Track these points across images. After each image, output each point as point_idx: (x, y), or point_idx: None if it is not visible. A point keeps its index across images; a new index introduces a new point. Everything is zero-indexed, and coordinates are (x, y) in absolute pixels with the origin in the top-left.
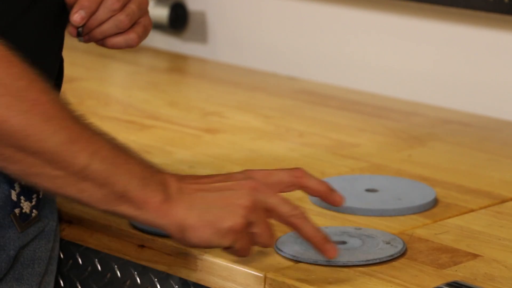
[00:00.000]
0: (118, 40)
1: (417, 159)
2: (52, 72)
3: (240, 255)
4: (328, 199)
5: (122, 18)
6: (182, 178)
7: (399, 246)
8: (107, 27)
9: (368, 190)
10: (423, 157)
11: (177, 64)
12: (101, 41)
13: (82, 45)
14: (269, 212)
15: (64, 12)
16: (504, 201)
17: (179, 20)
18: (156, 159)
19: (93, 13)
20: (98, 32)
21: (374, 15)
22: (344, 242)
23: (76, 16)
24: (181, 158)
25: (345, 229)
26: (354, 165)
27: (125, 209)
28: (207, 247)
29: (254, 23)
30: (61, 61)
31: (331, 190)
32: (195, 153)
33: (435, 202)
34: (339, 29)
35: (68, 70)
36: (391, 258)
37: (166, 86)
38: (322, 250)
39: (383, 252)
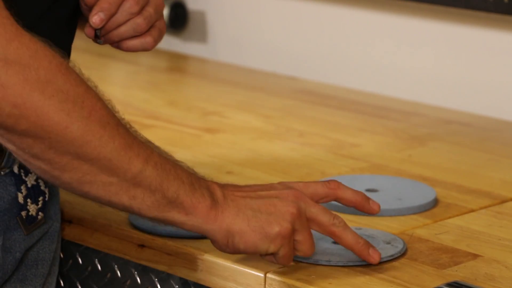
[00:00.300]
0: (134, 43)
1: (417, 159)
2: None
3: (282, 262)
4: (365, 208)
5: (139, 22)
6: (224, 185)
7: (400, 246)
8: (124, 29)
9: (368, 190)
10: (423, 157)
11: (177, 63)
12: (117, 44)
13: (81, 44)
14: (310, 221)
15: (75, 17)
16: (504, 201)
17: (179, 20)
18: None
19: (112, 15)
20: (115, 34)
21: (374, 15)
22: None
23: (96, 18)
24: (181, 158)
25: None
26: (354, 165)
27: (174, 215)
28: (254, 252)
29: (254, 23)
30: None
31: (367, 199)
32: (195, 153)
33: (435, 202)
34: (339, 29)
35: None
36: (391, 258)
37: (166, 86)
38: (365, 257)
39: (383, 252)
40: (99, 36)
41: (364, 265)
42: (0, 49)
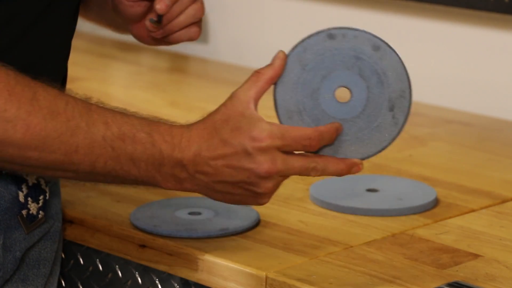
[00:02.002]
0: (181, 33)
1: (418, 159)
2: (57, 79)
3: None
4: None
5: (198, 7)
6: (197, 163)
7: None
8: (184, 18)
9: (369, 190)
10: (423, 157)
11: (178, 64)
12: (167, 38)
13: (83, 45)
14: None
15: (75, 13)
16: (504, 201)
17: None
18: None
19: (176, 1)
20: (176, 23)
21: (374, 15)
22: None
23: (162, 4)
24: None
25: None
26: None
27: (143, 185)
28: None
29: (255, 23)
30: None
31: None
32: None
33: (436, 202)
34: None
35: (69, 70)
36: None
37: (167, 86)
38: (351, 172)
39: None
40: (161, 22)
41: (364, 266)
42: None
